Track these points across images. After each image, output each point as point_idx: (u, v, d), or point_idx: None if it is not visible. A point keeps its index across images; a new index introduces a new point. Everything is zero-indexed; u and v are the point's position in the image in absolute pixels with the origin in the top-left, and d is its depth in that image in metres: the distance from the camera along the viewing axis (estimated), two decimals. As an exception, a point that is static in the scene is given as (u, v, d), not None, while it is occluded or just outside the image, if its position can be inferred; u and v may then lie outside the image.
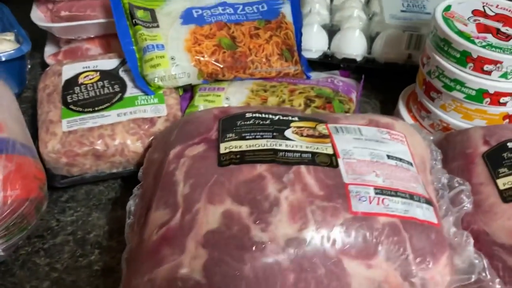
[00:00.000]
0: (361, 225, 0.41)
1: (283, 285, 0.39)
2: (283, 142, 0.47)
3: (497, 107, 0.60)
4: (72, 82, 0.62)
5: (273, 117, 0.50)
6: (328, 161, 0.45)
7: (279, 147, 0.46)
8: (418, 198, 0.45)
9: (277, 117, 0.50)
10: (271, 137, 0.47)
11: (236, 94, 0.64)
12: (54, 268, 0.52)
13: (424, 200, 0.45)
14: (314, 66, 0.77)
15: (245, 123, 0.49)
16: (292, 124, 0.49)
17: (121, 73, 0.64)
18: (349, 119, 0.52)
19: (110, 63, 0.65)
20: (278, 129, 0.48)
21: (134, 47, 0.64)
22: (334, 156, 0.46)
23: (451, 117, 0.63)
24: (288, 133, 0.48)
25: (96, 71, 0.64)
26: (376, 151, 0.47)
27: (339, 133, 0.49)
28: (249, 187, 0.43)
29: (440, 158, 0.54)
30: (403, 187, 0.45)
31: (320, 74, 0.72)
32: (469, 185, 0.51)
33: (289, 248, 0.40)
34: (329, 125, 0.50)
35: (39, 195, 0.51)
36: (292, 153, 0.46)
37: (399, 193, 0.44)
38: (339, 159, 0.46)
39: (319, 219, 0.41)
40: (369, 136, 0.49)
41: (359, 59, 0.76)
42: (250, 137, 0.47)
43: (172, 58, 0.62)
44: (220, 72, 0.64)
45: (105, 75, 0.63)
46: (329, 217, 0.41)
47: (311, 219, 0.41)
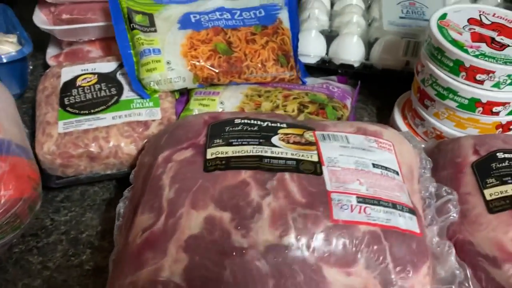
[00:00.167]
0: (341, 233, 0.42)
1: (262, 290, 0.40)
2: (269, 148, 0.47)
3: (489, 117, 0.60)
4: (70, 84, 0.63)
5: (262, 123, 0.51)
6: (312, 169, 0.46)
7: (265, 153, 0.47)
8: (401, 207, 0.45)
9: (265, 124, 0.51)
10: (257, 143, 0.48)
11: (231, 99, 0.64)
12: (46, 266, 0.54)
13: (407, 209, 0.46)
14: (312, 72, 0.78)
15: (233, 129, 0.50)
16: (280, 131, 0.50)
17: (118, 76, 0.65)
18: (337, 127, 0.52)
19: (109, 66, 0.66)
20: (265, 135, 0.49)
21: (132, 51, 0.65)
22: (318, 164, 0.46)
23: (444, 125, 0.63)
24: (275, 139, 0.49)
25: (94, 73, 0.65)
26: (361, 159, 0.48)
27: (325, 140, 0.49)
28: (232, 193, 0.43)
29: (430, 166, 0.55)
30: (386, 196, 0.45)
31: (317, 79, 0.73)
32: (456, 194, 0.51)
33: (269, 254, 0.41)
34: (316, 133, 0.50)
35: (32, 195, 0.52)
36: (277, 160, 0.46)
37: (381, 202, 0.45)
38: (323, 166, 0.46)
39: (300, 226, 0.42)
40: (356, 144, 0.50)
41: (356, 65, 0.77)
42: (237, 143, 0.48)
43: (168, 63, 0.63)
44: (216, 76, 0.65)
45: (103, 78, 0.64)
46: (309, 224, 0.42)
47: (292, 226, 0.42)
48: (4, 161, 0.50)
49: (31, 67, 0.76)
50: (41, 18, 0.72)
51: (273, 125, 0.51)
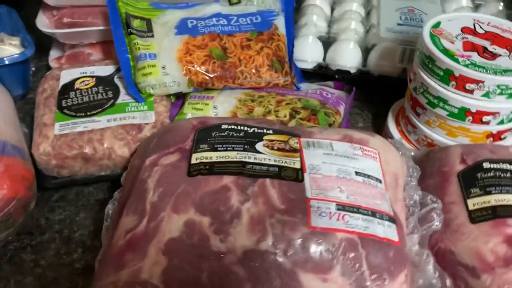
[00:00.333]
0: (318, 240, 0.43)
1: (239, 294, 0.41)
2: (253, 155, 0.48)
3: (480, 126, 0.60)
4: (68, 87, 0.65)
5: (248, 129, 0.52)
6: (294, 176, 0.47)
7: (248, 159, 0.48)
8: (380, 216, 0.46)
9: (252, 130, 0.52)
10: (242, 149, 0.49)
11: (224, 103, 0.65)
12: (38, 264, 0.55)
13: (387, 217, 0.46)
14: (310, 77, 0.79)
15: (219, 134, 0.51)
16: (265, 137, 0.51)
17: (116, 80, 0.67)
18: (323, 134, 0.53)
19: (107, 69, 0.68)
20: (250, 141, 0.50)
21: (130, 55, 0.67)
22: (300, 171, 0.47)
23: (435, 133, 0.63)
24: (259, 146, 0.50)
25: (92, 77, 0.67)
26: (344, 167, 0.49)
27: (310, 147, 0.50)
28: (213, 198, 0.45)
29: (417, 175, 0.55)
30: (366, 204, 0.46)
31: (312, 85, 0.73)
32: (441, 203, 0.51)
33: (246, 259, 0.42)
34: (301, 140, 0.51)
35: (26, 194, 0.54)
36: (260, 166, 0.47)
37: (361, 209, 0.45)
38: (305, 173, 0.47)
39: (277, 232, 0.43)
40: (340, 151, 0.50)
41: (353, 71, 0.77)
42: (222, 148, 0.49)
43: (163, 67, 0.64)
44: (210, 81, 0.66)
45: (101, 81, 0.66)
46: (287, 231, 0.43)
47: (270, 232, 0.43)
48: (-1, 161, 0.52)
49: (34, 69, 0.78)
50: (44, 22, 0.74)
51: (259, 131, 0.52)
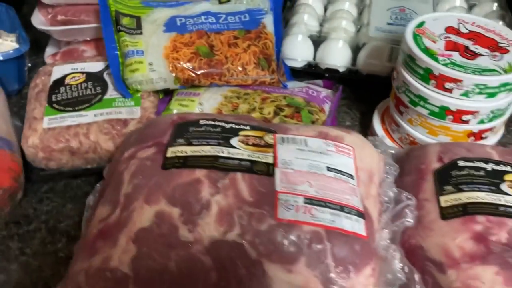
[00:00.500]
0: (284, 232, 0.44)
1: (205, 282, 0.42)
2: (227, 149, 0.50)
3: (460, 125, 0.60)
4: (59, 82, 0.67)
5: (225, 125, 0.53)
6: (265, 170, 0.48)
7: (221, 154, 0.49)
8: (348, 210, 0.47)
9: (229, 125, 0.53)
10: (216, 144, 0.50)
11: (210, 100, 0.67)
12: (24, 252, 0.57)
13: (355, 212, 0.47)
14: (301, 75, 0.79)
15: (196, 129, 0.52)
16: (241, 133, 0.52)
17: (105, 76, 0.68)
18: (299, 130, 0.54)
19: (97, 66, 0.70)
20: (225, 137, 0.51)
21: (118, 52, 0.69)
22: (272, 165, 0.48)
23: (417, 131, 0.64)
24: (234, 141, 0.51)
25: (83, 73, 0.68)
26: (316, 162, 0.49)
27: (284, 143, 0.51)
28: (184, 190, 0.46)
29: (394, 172, 0.56)
30: (335, 198, 0.47)
31: (299, 83, 0.74)
32: (415, 200, 0.52)
33: (213, 248, 0.43)
34: (277, 135, 0.52)
35: (13, 185, 0.56)
36: (232, 160, 0.48)
37: (328, 203, 0.46)
38: (276, 168, 0.48)
39: (245, 223, 0.44)
40: (313, 147, 0.51)
41: (341, 70, 0.78)
42: (197, 143, 0.50)
43: (150, 64, 0.66)
44: (196, 78, 0.67)
45: (90, 77, 0.68)
46: (254, 222, 0.44)
47: (237, 223, 0.44)
48: (-15, 152, 0.54)
49: (30, 65, 0.80)
50: (39, 19, 0.76)
51: (236, 127, 0.53)
